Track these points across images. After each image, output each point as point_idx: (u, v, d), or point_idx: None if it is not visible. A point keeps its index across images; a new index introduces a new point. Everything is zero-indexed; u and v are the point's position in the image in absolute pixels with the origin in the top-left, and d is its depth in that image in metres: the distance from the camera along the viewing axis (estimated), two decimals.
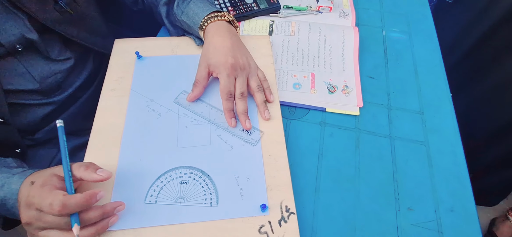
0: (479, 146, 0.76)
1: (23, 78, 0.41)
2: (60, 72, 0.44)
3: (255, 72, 0.43)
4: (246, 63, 0.42)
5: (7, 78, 0.39)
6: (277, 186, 0.36)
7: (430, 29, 0.59)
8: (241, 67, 0.41)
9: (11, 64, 0.39)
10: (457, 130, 0.45)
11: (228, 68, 0.40)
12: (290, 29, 0.54)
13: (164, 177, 0.36)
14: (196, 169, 0.37)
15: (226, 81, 0.40)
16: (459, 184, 0.41)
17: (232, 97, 0.40)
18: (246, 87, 0.41)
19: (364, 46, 0.54)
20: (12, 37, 0.37)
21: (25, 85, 0.41)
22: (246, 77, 0.41)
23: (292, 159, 0.41)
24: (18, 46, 0.38)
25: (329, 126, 0.45)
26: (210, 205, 0.34)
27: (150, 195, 0.35)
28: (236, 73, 0.40)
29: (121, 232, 0.32)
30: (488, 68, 0.71)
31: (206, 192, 0.35)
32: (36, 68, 0.41)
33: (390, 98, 0.49)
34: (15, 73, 0.40)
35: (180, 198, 0.35)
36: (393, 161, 0.42)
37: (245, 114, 0.40)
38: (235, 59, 0.41)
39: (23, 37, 0.38)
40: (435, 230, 0.37)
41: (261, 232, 0.33)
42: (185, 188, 0.35)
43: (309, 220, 0.37)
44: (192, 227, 0.33)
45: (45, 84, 0.43)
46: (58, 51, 0.43)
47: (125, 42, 0.48)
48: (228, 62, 0.40)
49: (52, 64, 0.43)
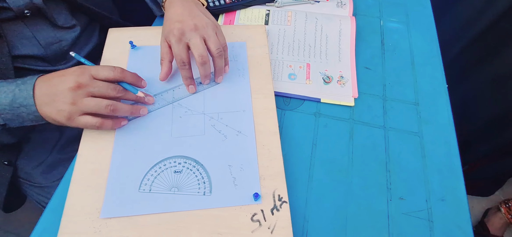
0: (476, 138, 0.76)
1: (29, 42, 0.42)
2: (65, 40, 0.46)
3: (213, 33, 0.39)
4: (200, 24, 0.38)
5: (14, 42, 0.40)
6: (270, 175, 0.36)
7: (429, 20, 0.58)
8: (192, 28, 0.38)
9: (18, 28, 0.40)
10: (451, 122, 0.46)
11: (175, 34, 0.37)
12: (287, 19, 0.54)
13: (158, 166, 0.36)
14: (190, 158, 0.37)
15: (175, 47, 0.38)
16: (451, 175, 0.41)
17: (186, 64, 0.39)
18: (204, 49, 0.38)
19: (361, 36, 0.54)
20: (20, 1, 0.38)
21: (31, 50, 0.42)
22: (200, 38, 0.38)
23: (286, 149, 0.41)
24: (26, 11, 0.39)
25: (324, 117, 0.45)
26: (203, 194, 0.35)
27: (144, 184, 0.35)
28: (186, 37, 0.38)
29: (115, 219, 0.33)
30: (486, 60, 0.71)
31: (200, 181, 0.36)
32: (41, 33, 0.43)
33: (385, 89, 0.49)
34: (22, 36, 0.41)
35: (174, 187, 0.35)
36: (386, 152, 0.42)
37: (208, 77, 0.40)
38: (182, 23, 0.38)
39: (31, 1, 0.39)
40: (426, 219, 0.37)
41: (254, 220, 0.34)
42: (179, 177, 0.36)
43: (302, 209, 0.37)
44: (185, 215, 0.34)
45: (49, 50, 0.44)
46: (64, 18, 0.44)
47: (119, 32, 0.48)
48: (176, 28, 0.38)
49: (58, 31, 0.44)
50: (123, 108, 0.36)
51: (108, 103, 0.34)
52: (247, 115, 0.41)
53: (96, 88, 0.34)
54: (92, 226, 0.32)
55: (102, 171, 0.36)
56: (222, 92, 0.43)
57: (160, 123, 0.39)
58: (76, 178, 0.35)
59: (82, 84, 0.33)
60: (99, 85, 0.34)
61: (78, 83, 0.33)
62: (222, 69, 0.41)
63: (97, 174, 0.35)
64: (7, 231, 0.97)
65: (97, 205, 0.34)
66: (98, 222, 0.33)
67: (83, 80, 0.33)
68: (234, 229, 0.33)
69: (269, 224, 0.33)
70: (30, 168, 0.51)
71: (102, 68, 0.35)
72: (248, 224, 0.33)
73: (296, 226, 0.36)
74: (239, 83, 0.44)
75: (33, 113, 0.34)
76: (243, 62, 0.46)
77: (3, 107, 0.34)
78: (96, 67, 0.35)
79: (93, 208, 0.33)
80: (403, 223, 0.37)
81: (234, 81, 0.44)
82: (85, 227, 0.32)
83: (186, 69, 0.39)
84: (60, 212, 0.33)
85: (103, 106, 0.34)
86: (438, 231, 0.37)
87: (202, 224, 0.33)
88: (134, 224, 0.33)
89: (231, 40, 0.48)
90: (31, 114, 0.34)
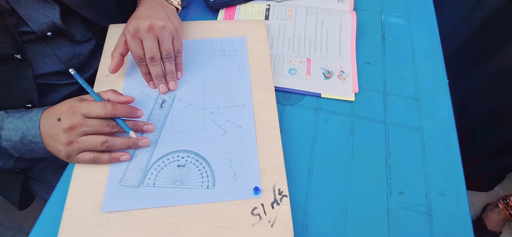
0: (476, 133, 0.76)
1: (51, 60, 0.43)
2: (83, 53, 0.47)
3: (168, 37, 0.39)
4: (157, 25, 0.38)
5: (37, 61, 0.41)
6: (270, 169, 0.36)
7: (430, 14, 0.58)
8: (146, 28, 0.38)
9: (40, 47, 0.41)
10: (452, 116, 0.45)
11: (130, 31, 0.38)
12: (287, 14, 0.53)
13: (161, 161, 0.36)
14: (192, 152, 0.37)
15: (131, 44, 0.38)
16: (451, 169, 0.41)
17: (143, 61, 0.39)
18: (157, 50, 0.39)
19: (362, 31, 0.54)
20: (43, 25, 0.39)
21: (53, 67, 0.43)
22: (154, 39, 0.38)
23: (286, 144, 0.41)
24: (49, 33, 0.40)
25: (324, 112, 0.45)
26: (206, 187, 0.35)
27: (148, 178, 0.35)
28: (139, 34, 0.38)
29: (116, 213, 0.33)
30: (487, 54, 0.70)
31: (203, 175, 0.36)
32: (61, 50, 0.43)
33: (386, 84, 0.48)
34: (44, 54, 0.42)
35: (178, 181, 0.35)
36: (386, 147, 0.42)
37: (158, 78, 0.40)
38: (139, 20, 0.38)
39: (53, 24, 0.39)
40: (425, 213, 0.38)
41: (254, 214, 0.34)
42: (182, 171, 0.36)
43: (302, 203, 0.38)
44: (185, 209, 0.34)
45: (70, 65, 0.45)
46: (81, 33, 0.45)
47: (119, 28, 0.47)
48: (132, 24, 0.38)
49: (76, 46, 0.45)
50: (119, 143, 0.35)
51: (103, 140, 0.34)
52: (247, 109, 0.41)
53: (89, 127, 0.34)
54: (94, 220, 0.33)
55: (103, 165, 0.36)
56: (222, 87, 0.43)
57: (161, 118, 0.39)
58: (77, 172, 0.35)
59: (74, 125, 0.33)
60: (92, 124, 0.34)
61: (71, 124, 0.33)
62: (173, 73, 0.41)
63: (99, 168, 0.36)
64: (9, 227, 0.97)
65: (98, 199, 0.34)
66: (99, 216, 0.33)
67: (75, 122, 0.33)
68: (235, 223, 0.33)
69: (269, 217, 0.34)
70: (41, 168, 0.52)
71: (92, 106, 0.34)
72: (249, 218, 0.33)
73: (296, 220, 0.36)
74: (239, 78, 0.44)
75: (43, 149, 0.35)
76: (243, 57, 0.46)
77: (15, 143, 0.35)
78: (87, 104, 0.34)
79: (94, 202, 0.34)
80: (402, 217, 0.37)
81: (234, 76, 0.44)
82: (87, 220, 0.33)
83: (144, 65, 0.40)
84: (62, 206, 0.33)
85: (99, 143, 0.34)
86: (438, 225, 0.37)
87: (203, 217, 0.33)
88: (135, 218, 0.33)
89: (231, 35, 0.48)
90: (42, 149, 0.35)
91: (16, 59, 0.37)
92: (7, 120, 0.35)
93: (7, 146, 0.35)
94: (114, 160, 0.36)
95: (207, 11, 0.55)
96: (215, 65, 0.45)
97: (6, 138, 0.34)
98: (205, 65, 0.45)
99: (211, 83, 0.43)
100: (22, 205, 0.53)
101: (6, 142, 0.35)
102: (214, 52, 0.46)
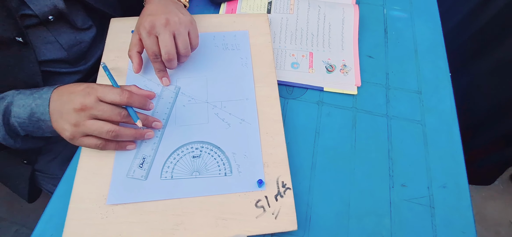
0: (478, 126, 0.76)
1: (53, 47, 0.43)
2: (84, 41, 0.46)
3: (184, 31, 0.39)
4: (172, 20, 0.38)
5: (39, 47, 0.41)
6: (274, 162, 0.37)
7: (433, 8, 0.57)
8: (163, 23, 0.38)
9: (42, 33, 0.41)
10: (454, 110, 0.46)
11: (146, 27, 0.38)
12: (289, 7, 0.53)
13: (176, 154, 0.37)
14: (206, 143, 0.38)
15: (146, 41, 0.38)
16: (453, 162, 0.41)
17: (158, 57, 0.39)
18: (172, 45, 0.38)
19: (364, 25, 0.53)
20: (45, 8, 0.38)
21: (55, 54, 0.43)
22: (170, 34, 0.38)
23: (289, 137, 0.41)
24: (50, 17, 0.39)
25: (327, 106, 0.45)
26: (224, 174, 0.35)
27: (165, 171, 0.36)
28: (156, 30, 0.38)
29: (122, 206, 0.33)
30: (490, 48, 0.70)
31: (219, 163, 0.36)
32: (63, 36, 0.43)
33: (388, 78, 0.48)
34: (46, 41, 0.42)
35: (195, 171, 0.36)
36: (389, 140, 0.43)
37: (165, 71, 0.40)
38: (154, 16, 0.38)
39: (55, 7, 0.39)
40: (427, 205, 0.38)
41: (258, 206, 0.34)
42: (198, 161, 0.36)
43: (305, 195, 0.38)
44: (190, 201, 0.34)
45: (71, 53, 0.45)
46: (82, 20, 0.45)
47: (121, 21, 0.47)
48: (147, 21, 0.38)
49: (78, 33, 0.45)
50: (125, 133, 0.35)
51: (109, 129, 0.33)
52: (250, 103, 0.41)
53: (100, 111, 0.33)
54: (99, 213, 0.33)
55: (108, 158, 0.36)
56: (225, 81, 0.43)
57: (164, 112, 0.40)
58: (82, 165, 0.36)
59: (86, 106, 0.33)
60: (104, 109, 0.33)
61: (83, 105, 0.33)
62: None
63: (104, 161, 0.36)
64: (13, 222, 0.98)
65: (104, 192, 0.34)
66: (105, 208, 0.33)
67: (88, 102, 0.33)
68: (239, 215, 0.33)
69: (273, 210, 0.34)
70: (47, 161, 0.52)
71: (109, 91, 0.33)
72: (253, 210, 0.34)
73: (300, 212, 0.36)
74: (242, 71, 0.44)
75: (50, 127, 0.35)
76: (245, 51, 0.46)
77: (23, 120, 0.34)
78: (103, 88, 0.33)
79: (99, 195, 0.34)
80: (405, 210, 0.38)
81: (237, 70, 0.44)
82: (92, 213, 0.33)
83: (159, 62, 0.39)
84: (67, 199, 0.34)
85: (105, 131, 0.33)
86: (440, 217, 0.37)
87: (207, 210, 0.34)
88: (141, 210, 0.33)
89: (233, 29, 0.48)
90: (49, 127, 0.35)
91: (18, 42, 0.37)
92: (18, 96, 0.35)
93: (15, 123, 0.35)
94: (120, 148, 0.36)
95: (209, 5, 0.55)
96: (218, 59, 0.45)
97: (15, 115, 0.34)
98: (208, 59, 0.45)
99: (214, 77, 0.43)
100: (31, 197, 0.54)
101: (14, 118, 0.34)
102: (217, 46, 0.46)
